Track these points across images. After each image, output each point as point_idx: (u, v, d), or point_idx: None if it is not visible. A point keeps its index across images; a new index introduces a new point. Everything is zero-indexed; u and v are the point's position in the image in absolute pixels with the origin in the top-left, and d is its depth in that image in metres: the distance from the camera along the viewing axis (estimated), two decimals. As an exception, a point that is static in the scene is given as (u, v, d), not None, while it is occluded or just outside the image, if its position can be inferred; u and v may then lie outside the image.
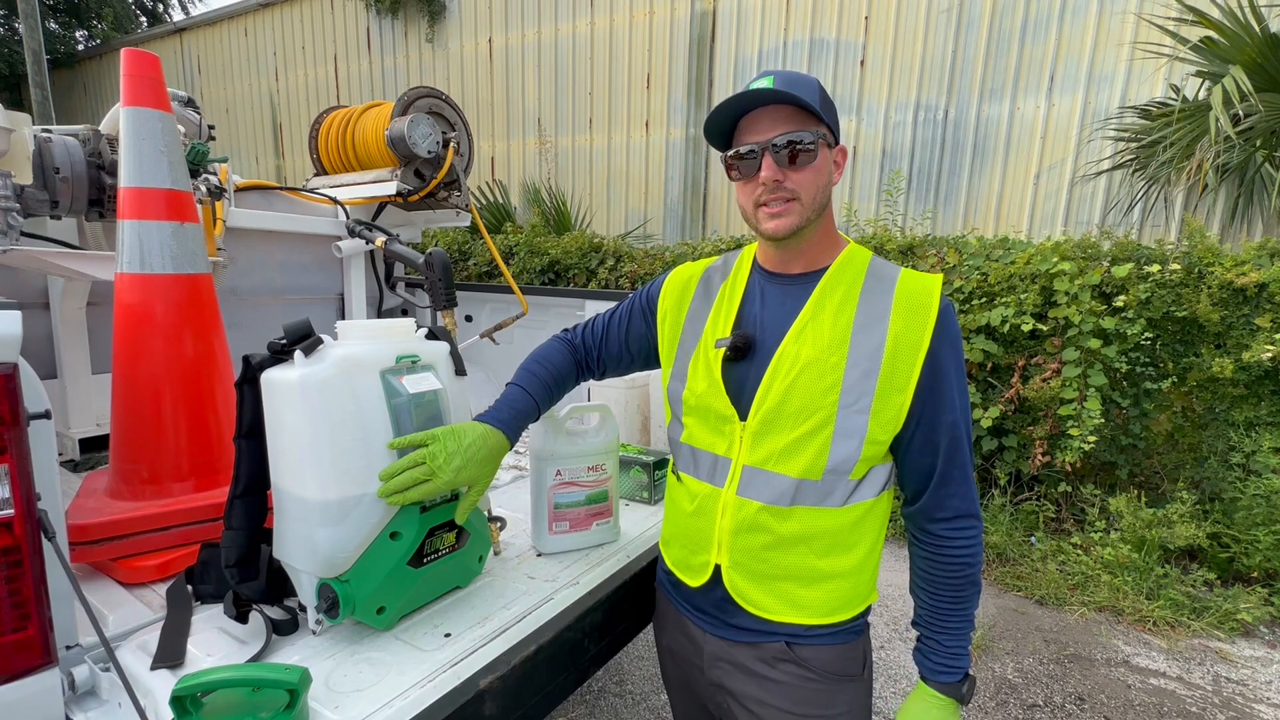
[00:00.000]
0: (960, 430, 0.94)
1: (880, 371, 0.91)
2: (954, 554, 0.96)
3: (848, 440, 0.92)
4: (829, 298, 0.96)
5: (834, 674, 0.99)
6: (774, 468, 0.95)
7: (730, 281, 1.08)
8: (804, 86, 0.90)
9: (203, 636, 1.02)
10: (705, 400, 1.02)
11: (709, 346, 1.03)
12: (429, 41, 6.94)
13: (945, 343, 0.92)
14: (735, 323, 1.02)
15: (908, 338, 0.91)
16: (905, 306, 0.93)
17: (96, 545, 1.15)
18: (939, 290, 0.94)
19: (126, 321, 1.27)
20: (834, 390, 0.92)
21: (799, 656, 0.98)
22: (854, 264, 0.99)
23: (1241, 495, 2.88)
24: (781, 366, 0.95)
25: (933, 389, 0.92)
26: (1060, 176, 4.33)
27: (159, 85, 1.29)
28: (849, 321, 0.94)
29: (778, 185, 0.92)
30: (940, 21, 4.58)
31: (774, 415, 0.94)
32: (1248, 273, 2.89)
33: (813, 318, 0.96)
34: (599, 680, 2.36)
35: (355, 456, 0.97)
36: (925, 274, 0.96)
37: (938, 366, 0.92)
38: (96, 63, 10.89)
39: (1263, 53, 3.16)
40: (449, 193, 2.47)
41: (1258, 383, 2.95)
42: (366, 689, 0.90)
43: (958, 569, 0.96)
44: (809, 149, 0.91)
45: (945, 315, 0.93)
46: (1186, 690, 2.39)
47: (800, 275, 1.00)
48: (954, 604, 0.98)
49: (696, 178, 5.68)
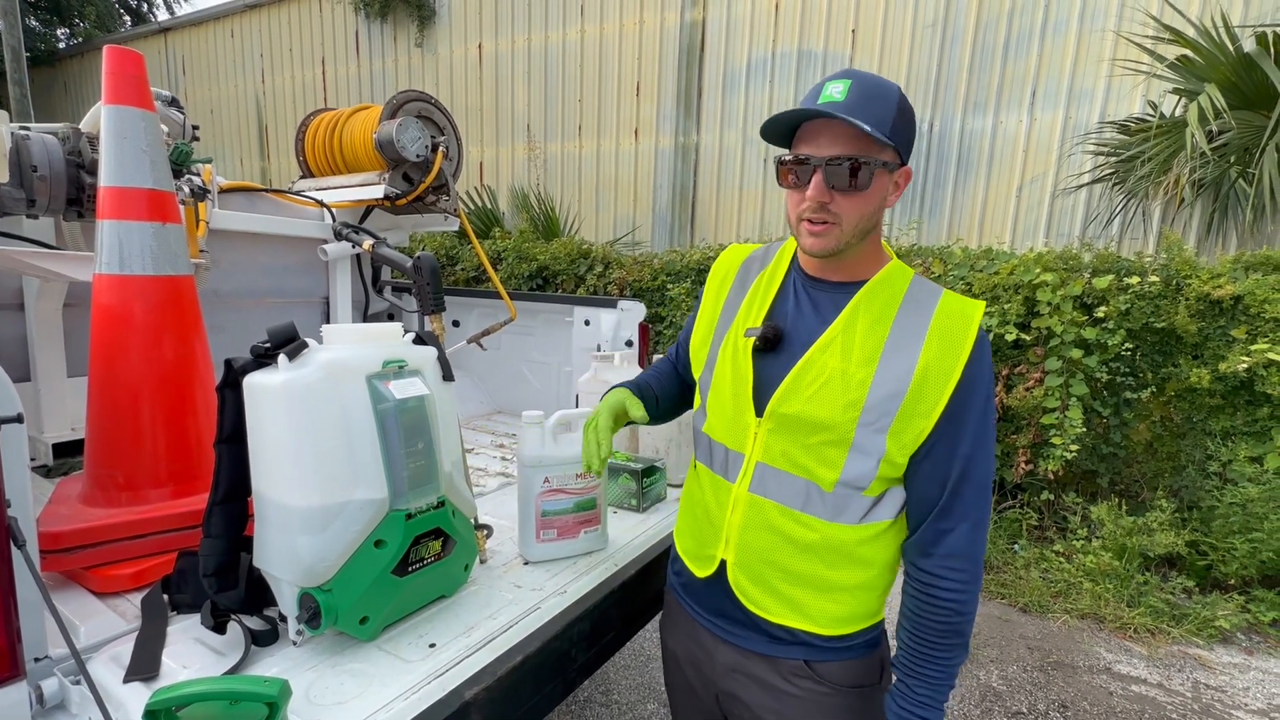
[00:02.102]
0: (973, 467, 0.90)
1: (907, 394, 0.88)
2: (941, 597, 0.90)
3: (864, 458, 0.90)
4: (864, 312, 0.93)
5: (850, 685, 0.97)
6: (788, 467, 0.94)
7: (768, 273, 1.05)
8: (877, 103, 0.85)
9: (179, 648, 0.99)
10: (728, 390, 1.00)
11: (738, 334, 1.01)
12: (418, 46, 6.91)
13: (977, 376, 0.89)
14: (767, 316, 1.00)
15: (940, 365, 0.88)
16: (942, 332, 0.90)
17: (69, 553, 1.12)
18: (979, 319, 0.91)
19: (104, 323, 1.24)
20: (855, 406, 0.89)
21: (817, 673, 0.97)
22: (895, 281, 0.96)
23: (1218, 504, 2.93)
24: (807, 374, 0.93)
25: (953, 420, 0.89)
26: (1042, 189, 4.41)
27: (142, 84, 1.27)
28: (881, 339, 0.91)
29: (822, 206, 0.89)
30: (925, 36, 4.65)
31: (792, 419, 0.93)
32: (1223, 285, 2.95)
33: (844, 330, 0.93)
34: (585, 690, 2.33)
35: (340, 462, 0.96)
36: (967, 299, 0.93)
37: (964, 399, 0.88)
38: (78, 61, 10.72)
39: (1236, 72, 3.25)
40: (437, 197, 2.46)
41: (1233, 393, 3.01)
42: (349, 701, 0.88)
43: (943, 615, 0.91)
44: (863, 174, 0.86)
45: (980, 347, 0.90)
46: (1166, 697, 2.41)
47: (838, 284, 0.98)
48: (934, 651, 0.92)
49: (685, 186, 5.70)
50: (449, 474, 1.12)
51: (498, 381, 2.86)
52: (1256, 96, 3.26)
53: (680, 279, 4.28)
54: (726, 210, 5.54)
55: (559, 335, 2.60)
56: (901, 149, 0.89)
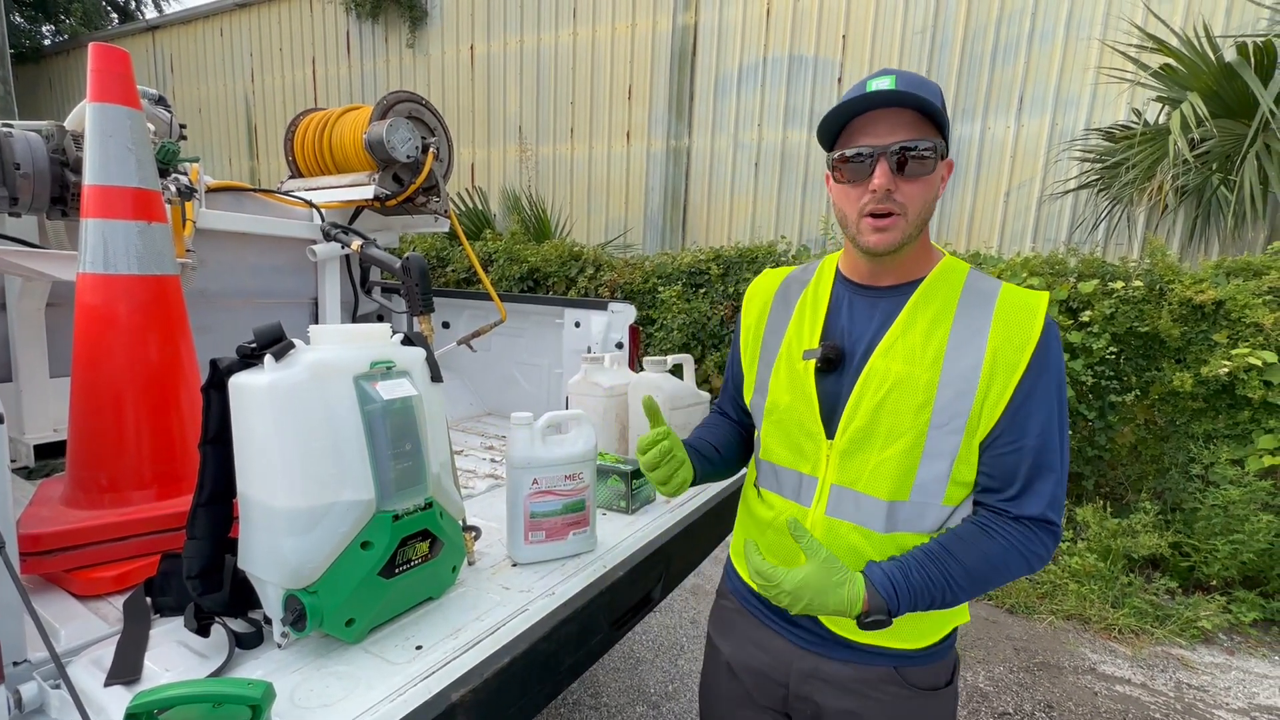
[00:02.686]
0: (1046, 456, 0.87)
1: (976, 392, 0.86)
2: (1001, 536, 0.87)
3: (938, 460, 0.88)
4: (922, 312, 0.91)
5: (928, 688, 0.97)
6: (863, 489, 0.91)
7: (812, 290, 1.02)
8: (928, 89, 0.84)
9: (161, 651, 0.98)
10: (790, 415, 0.98)
11: (792, 358, 0.98)
12: (410, 47, 6.90)
13: (1045, 366, 0.86)
14: (822, 335, 0.97)
15: (1005, 359, 0.86)
16: (1005, 325, 0.87)
17: (49, 556, 1.11)
18: (1044, 309, 0.88)
19: (88, 323, 1.22)
20: (926, 409, 0.87)
21: (905, 678, 0.95)
22: (951, 277, 0.93)
23: (1201, 506, 2.98)
24: (871, 383, 0.90)
25: (1023, 411, 0.86)
26: (1029, 195, 4.46)
27: (128, 81, 1.26)
28: (944, 338, 0.88)
29: (888, 195, 0.86)
30: (915, 42, 4.70)
31: (863, 434, 0.90)
32: (1205, 290, 3.00)
33: (904, 332, 0.90)
34: (574, 693, 2.33)
35: (326, 464, 0.95)
36: (1030, 291, 0.90)
37: (1030, 389, 0.86)
38: (63, 59, 10.61)
39: (1218, 81, 3.30)
40: (428, 198, 2.45)
41: (1215, 397, 3.05)
42: (334, 704, 0.87)
43: (988, 546, 0.87)
44: (926, 159, 0.85)
45: (1047, 336, 0.86)
46: (1150, 697, 2.44)
47: (891, 288, 0.95)
48: (949, 555, 0.87)
49: (677, 189, 5.72)
50: (437, 475, 1.12)
51: (487, 383, 2.85)
52: (1237, 105, 3.32)
53: (671, 282, 4.29)
54: (717, 214, 5.57)
55: (549, 337, 2.60)
56: (948, 139, 0.89)
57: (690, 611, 2.93)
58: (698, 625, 2.82)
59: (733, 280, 4.13)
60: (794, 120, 5.16)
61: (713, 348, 4.17)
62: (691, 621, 2.85)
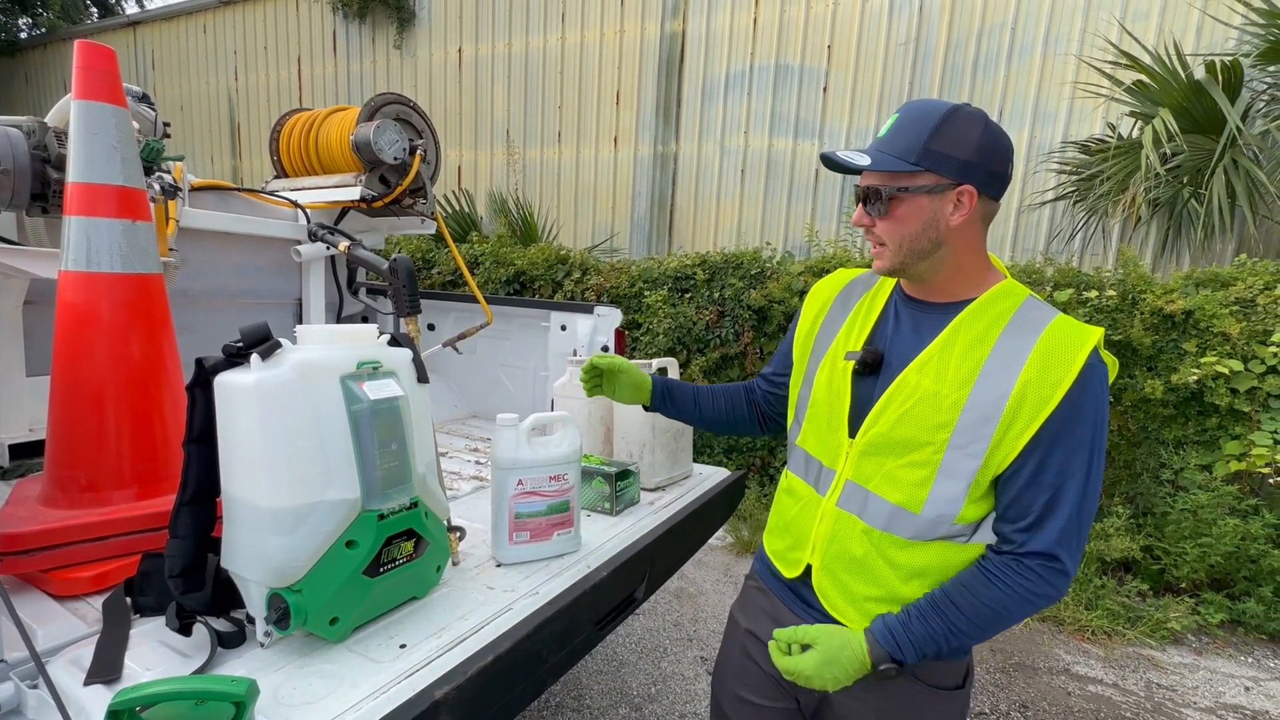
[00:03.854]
0: (1063, 500, 0.85)
1: (1000, 419, 0.86)
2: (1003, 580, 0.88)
3: (953, 481, 0.89)
4: (963, 333, 0.92)
5: (935, 685, 0.98)
6: (875, 488, 0.95)
7: (870, 296, 1.08)
8: (907, 132, 0.90)
9: (142, 650, 0.98)
10: (823, 409, 1.04)
11: (838, 356, 1.04)
12: (397, 48, 6.87)
13: (1078, 405, 0.84)
14: (867, 340, 1.02)
15: (1037, 392, 0.84)
16: (1044, 356, 0.85)
17: (27, 555, 1.10)
18: (1091, 345, 0.85)
19: (69, 321, 1.22)
20: (946, 429, 0.89)
21: (916, 674, 0.97)
22: (1002, 303, 0.94)
23: (1171, 510, 3.05)
24: (900, 394, 0.94)
25: (1047, 446, 0.85)
26: (1008, 205, 4.55)
27: (114, 80, 1.25)
28: (979, 361, 0.89)
29: (868, 230, 0.96)
30: (898, 54, 4.78)
31: (883, 439, 0.94)
32: (1176, 300, 3.09)
33: (941, 350, 0.93)
34: (557, 695, 2.33)
35: (312, 463, 0.96)
36: (1083, 325, 0.88)
37: (1059, 427, 0.84)
38: (40, 52, 10.40)
39: (1188, 98, 3.41)
40: (414, 200, 2.45)
41: (1185, 404, 3.14)
42: (317, 701, 0.88)
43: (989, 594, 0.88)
44: (883, 202, 0.92)
45: (1088, 375, 0.84)
46: (1121, 696, 2.50)
47: (939, 305, 0.98)
48: (952, 604, 0.89)
49: (664, 194, 5.75)
50: (422, 475, 1.12)
51: (473, 385, 2.85)
52: (1206, 122, 3.43)
53: (657, 286, 4.31)
54: (704, 219, 5.61)
55: (535, 340, 2.61)
56: (943, 170, 0.89)
57: (673, 614, 2.94)
58: (681, 628, 2.83)
59: (718, 285, 4.16)
60: (780, 128, 5.22)
61: (698, 352, 4.20)
62: (675, 624, 2.86)
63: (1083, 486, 0.86)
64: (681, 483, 1.98)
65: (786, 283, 3.91)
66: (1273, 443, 2.88)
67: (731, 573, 3.38)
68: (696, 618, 2.92)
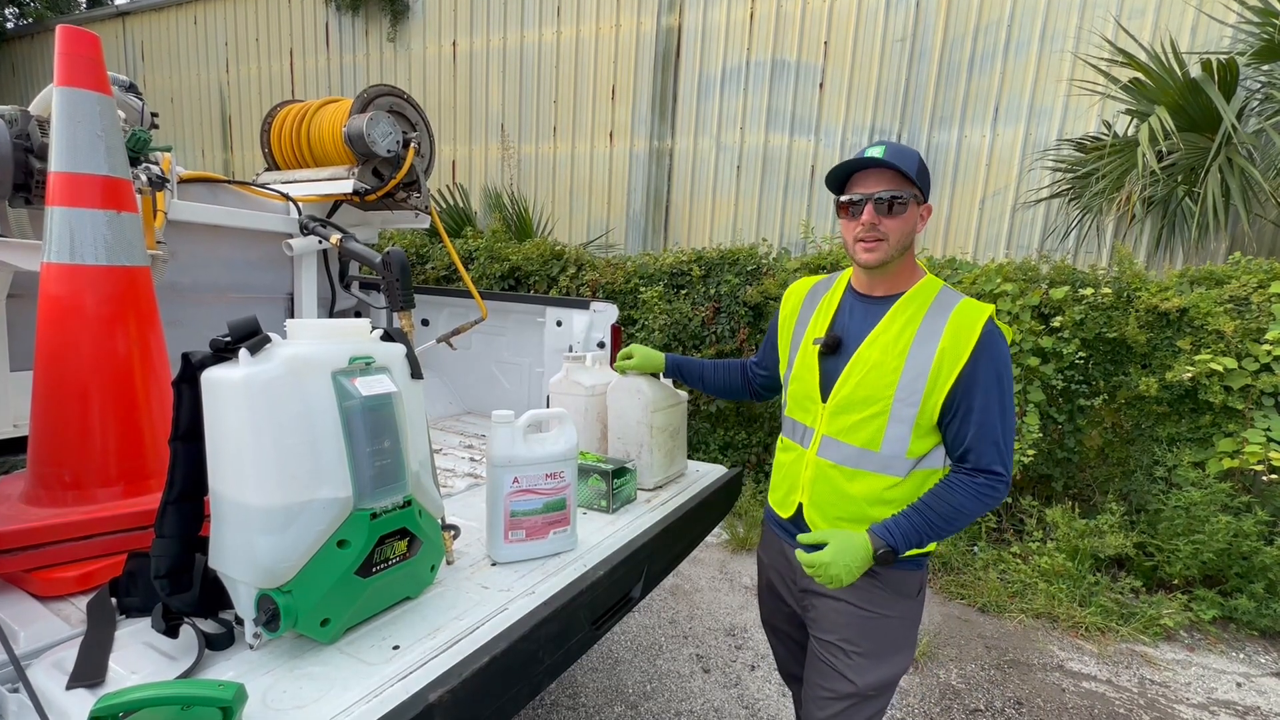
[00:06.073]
0: (985, 428, 1.19)
1: (928, 376, 1.21)
2: (959, 488, 1.21)
3: (900, 424, 1.23)
4: (899, 316, 1.26)
5: (894, 589, 1.29)
6: (844, 438, 1.28)
7: (829, 295, 1.40)
8: (905, 158, 1.21)
9: (127, 652, 0.95)
10: (800, 383, 1.37)
11: (808, 342, 1.36)
12: (391, 41, 6.80)
13: (982, 360, 1.19)
14: (828, 327, 1.35)
15: (952, 353, 1.20)
16: (955, 328, 1.21)
17: (9, 555, 1.07)
18: (984, 319, 1.21)
19: (52, 314, 1.19)
20: (891, 387, 1.22)
21: (877, 577, 1.27)
22: (925, 292, 1.28)
23: (1164, 507, 3.07)
24: (857, 365, 1.27)
25: (966, 392, 1.20)
26: (1003, 202, 4.55)
27: (98, 66, 1.22)
28: (911, 336, 1.23)
29: (873, 227, 1.22)
30: (894, 51, 4.77)
31: (847, 401, 1.27)
32: (1170, 298, 3.09)
33: (884, 331, 1.27)
34: (552, 694, 2.32)
35: (302, 460, 0.93)
36: (980, 304, 1.24)
37: (971, 377, 1.19)
38: (27, 42, 10.25)
39: (1184, 96, 3.41)
40: (408, 194, 2.42)
41: (1179, 401, 3.15)
42: (308, 705, 0.86)
43: (951, 498, 1.21)
44: (902, 204, 1.21)
45: (986, 338, 1.20)
46: (1115, 692, 2.51)
47: (881, 297, 1.31)
48: (928, 507, 1.22)
49: (659, 190, 5.73)
50: (416, 473, 1.10)
51: (468, 382, 2.83)
52: (1202, 120, 3.44)
53: (653, 282, 4.29)
54: (700, 215, 5.59)
55: (531, 336, 2.58)
56: (923, 190, 1.25)
57: (669, 612, 2.93)
58: (676, 625, 2.82)
59: (714, 282, 4.15)
60: (776, 124, 5.20)
61: (694, 348, 4.18)
62: (670, 622, 2.85)
63: (1000, 417, 1.21)
64: (678, 480, 1.97)
65: (782, 279, 3.90)
66: (1266, 440, 2.89)
67: (727, 570, 3.37)
68: (692, 615, 2.91)
